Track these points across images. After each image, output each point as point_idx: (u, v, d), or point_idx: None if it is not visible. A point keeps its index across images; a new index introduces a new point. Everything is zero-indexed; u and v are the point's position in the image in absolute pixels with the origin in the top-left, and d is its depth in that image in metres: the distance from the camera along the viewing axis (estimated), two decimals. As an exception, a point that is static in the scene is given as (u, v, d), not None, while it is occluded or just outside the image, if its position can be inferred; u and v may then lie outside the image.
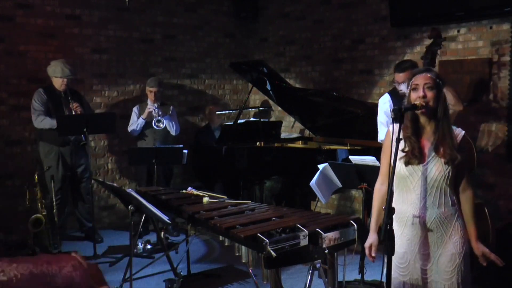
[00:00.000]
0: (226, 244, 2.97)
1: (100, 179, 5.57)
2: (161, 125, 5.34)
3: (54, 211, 4.87)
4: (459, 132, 2.47)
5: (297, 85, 6.29)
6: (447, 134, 2.42)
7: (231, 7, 6.78)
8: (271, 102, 6.28)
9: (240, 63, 5.96)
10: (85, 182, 5.22)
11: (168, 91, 6.33)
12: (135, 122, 5.51)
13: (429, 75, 2.44)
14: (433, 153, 2.41)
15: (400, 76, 4.07)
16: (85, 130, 4.79)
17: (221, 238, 3.02)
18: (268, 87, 5.58)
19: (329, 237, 2.78)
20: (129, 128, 5.56)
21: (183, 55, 6.44)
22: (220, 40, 6.76)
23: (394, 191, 2.51)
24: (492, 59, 4.56)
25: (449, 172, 2.40)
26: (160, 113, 5.38)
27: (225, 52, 6.79)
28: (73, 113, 4.93)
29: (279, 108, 6.23)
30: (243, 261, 2.84)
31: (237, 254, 2.89)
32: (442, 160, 2.40)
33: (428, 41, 4.73)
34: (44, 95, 4.98)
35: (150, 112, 5.39)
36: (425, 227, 2.43)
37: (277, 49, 6.69)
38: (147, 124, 5.47)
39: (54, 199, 4.88)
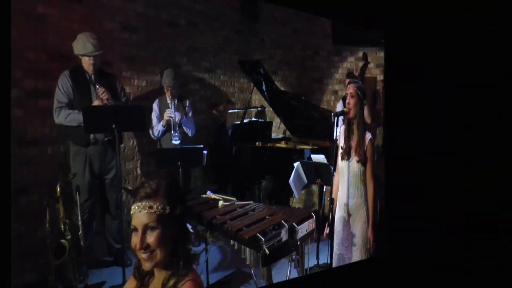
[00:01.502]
0: (236, 247, 3.09)
1: (130, 187, 4.67)
2: (178, 141, 4.75)
3: (80, 232, 3.79)
4: (368, 136, 3.07)
5: (282, 88, 6.55)
6: (361, 137, 3.05)
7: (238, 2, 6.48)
8: (265, 103, 6.37)
9: (245, 61, 5.90)
10: (115, 192, 4.20)
11: (191, 85, 5.74)
12: (156, 127, 4.85)
13: (351, 85, 3.09)
14: (353, 152, 3.08)
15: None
16: (113, 126, 3.67)
17: (231, 242, 3.15)
18: (264, 88, 5.71)
19: (301, 229, 3.11)
20: (151, 133, 4.90)
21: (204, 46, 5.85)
22: (231, 35, 6.41)
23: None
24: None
25: (359, 168, 3.07)
26: (177, 119, 4.77)
27: (234, 49, 6.44)
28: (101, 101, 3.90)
29: (271, 109, 6.34)
30: (247, 263, 3.02)
31: (243, 257, 3.04)
32: (357, 158, 3.07)
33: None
34: (69, 80, 3.86)
35: (168, 120, 4.79)
36: (348, 212, 3.17)
37: (268, 52, 6.99)
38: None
39: (80, 217, 3.81)
